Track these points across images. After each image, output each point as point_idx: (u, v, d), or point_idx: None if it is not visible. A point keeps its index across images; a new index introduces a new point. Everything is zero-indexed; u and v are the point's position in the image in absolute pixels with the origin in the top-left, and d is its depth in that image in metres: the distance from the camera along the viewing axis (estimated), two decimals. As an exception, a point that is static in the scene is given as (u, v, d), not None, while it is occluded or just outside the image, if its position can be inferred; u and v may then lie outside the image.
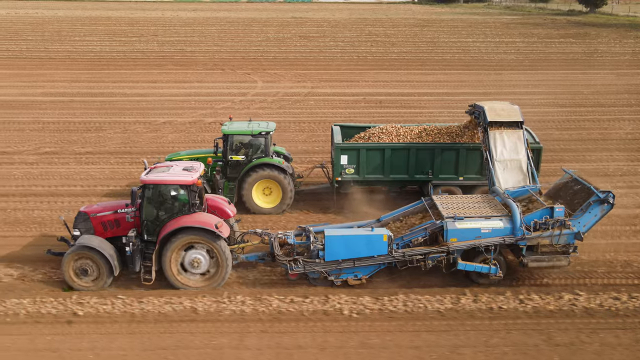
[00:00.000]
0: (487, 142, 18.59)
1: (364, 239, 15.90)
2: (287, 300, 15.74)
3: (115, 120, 33.55)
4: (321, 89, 40.45)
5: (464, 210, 16.53)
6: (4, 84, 41.92)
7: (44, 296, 15.93)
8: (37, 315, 15.17)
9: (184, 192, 15.90)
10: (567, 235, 15.74)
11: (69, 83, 42.17)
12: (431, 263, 15.93)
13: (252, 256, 16.97)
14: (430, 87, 41.08)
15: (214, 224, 15.60)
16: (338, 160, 20.76)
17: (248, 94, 39.48)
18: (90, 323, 14.92)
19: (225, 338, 14.29)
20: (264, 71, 46.66)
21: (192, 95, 38.83)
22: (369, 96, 38.41)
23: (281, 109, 35.85)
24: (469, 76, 44.58)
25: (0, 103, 36.68)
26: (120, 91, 39.80)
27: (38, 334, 14.49)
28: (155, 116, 34.17)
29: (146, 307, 15.44)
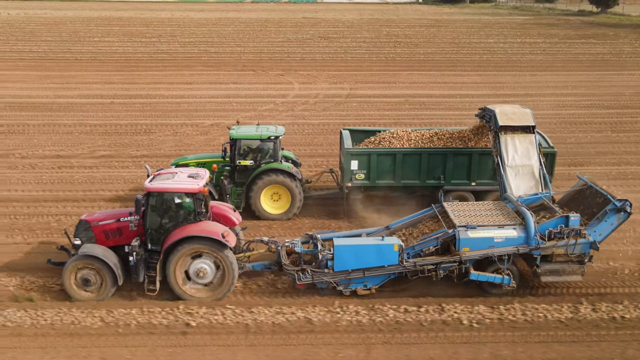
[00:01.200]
0: (498, 147, 18.13)
1: (375, 248, 15.51)
2: (402, 310, 15.43)
3: (162, 122, 33.13)
4: (360, 91, 40.10)
5: (476, 218, 16.08)
6: (36, 85, 41.36)
7: (151, 306, 15.58)
8: (149, 326, 14.85)
9: (190, 200, 15.48)
10: (583, 244, 15.32)
11: (103, 85, 41.63)
12: (443, 273, 15.52)
13: (259, 265, 16.55)
14: (469, 88, 40.82)
15: (221, 233, 15.20)
16: (348, 166, 20.26)
17: (288, 95, 39.10)
18: (205, 334, 14.59)
19: (351, 350, 13.98)
20: (296, 72, 46.27)
21: (232, 97, 38.43)
22: (410, 98, 38.00)
23: (325, 111, 35.52)
24: (504, 77, 44.35)
25: (39, 105, 36.11)
26: (158, 93, 39.37)
27: (155, 346, 14.19)
28: (201, 118, 33.77)
29: (258, 318, 15.12)
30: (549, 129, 31.43)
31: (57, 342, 14.31)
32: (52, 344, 14.27)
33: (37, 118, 33.62)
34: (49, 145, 29.16)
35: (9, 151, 28.08)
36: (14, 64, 48.81)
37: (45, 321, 15.01)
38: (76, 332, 14.66)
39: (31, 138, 30.14)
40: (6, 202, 22.50)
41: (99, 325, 14.89)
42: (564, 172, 24.99)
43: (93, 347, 14.11)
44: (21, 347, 14.14)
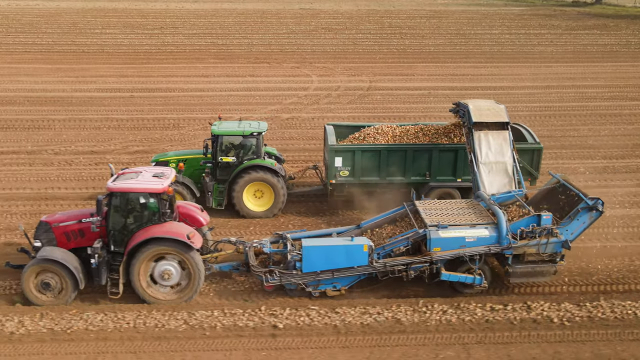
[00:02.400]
0: (471, 144, 17.95)
1: (344, 249, 15.26)
2: (488, 308, 15.28)
3: (189, 116, 32.68)
4: (381, 83, 39.85)
5: (448, 217, 15.93)
6: (50, 79, 40.60)
7: (232, 308, 15.36)
8: (236, 329, 14.63)
9: (154, 201, 15.05)
10: (555, 243, 15.20)
11: (118, 78, 40.97)
12: (413, 273, 15.35)
13: (226, 266, 16.28)
14: (488, 80, 40.74)
15: (186, 234, 14.81)
16: (332, 163, 19.96)
17: (308, 88, 38.75)
18: (294, 336, 14.39)
19: (450, 350, 13.83)
20: (311, 65, 45.88)
21: (253, 90, 37.99)
22: (433, 90, 37.80)
23: (351, 104, 35.23)
24: (520, 69, 44.32)
25: (58, 100, 35.47)
26: (176, 86, 38.81)
27: (247, 349, 13.99)
28: (226, 112, 33.28)
29: (346, 319, 14.93)
30: (580, 121, 31.55)
31: (145, 346, 13.98)
32: (141, 348, 13.94)
33: (60, 113, 32.97)
34: (79, 141, 28.60)
35: (40, 147, 27.51)
36: (21, 57, 47.87)
37: (128, 324, 14.68)
38: (162, 335, 14.33)
39: (59, 133, 29.56)
40: (52, 199, 22.01)
41: (184, 328, 14.58)
42: (607, 165, 24.99)
43: (184, 350, 13.83)
44: (110, 351, 13.83)
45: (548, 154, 27.00)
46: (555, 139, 29.12)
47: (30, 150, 27.25)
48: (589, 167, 25.60)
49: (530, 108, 34.12)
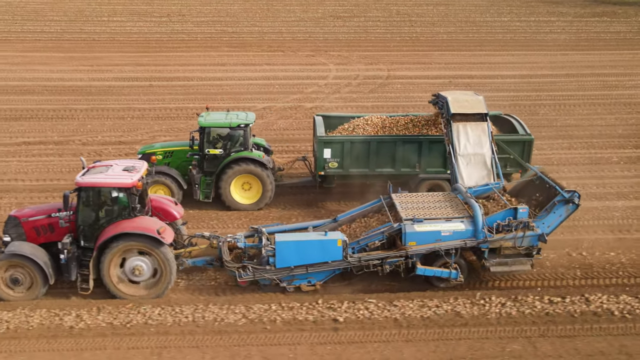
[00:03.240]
0: (450, 135, 17.79)
1: (317, 244, 15.06)
2: (546, 301, 15.23)
3: (212, 106, 32.21)
4: (399, 72, 39.63)
5: (424, 211, 15.82)
6: (65, 67, 40.23)
7: (289, 301, 15.29)
8: (296, 323, 14.57)
9: (123, 195, 14.81)
10: (531, 237, 15.10)
11: (134, 67, 40.61)
12: (389, 268, 15.24)
13: (200, 260, 16.13)
14: (506, 69, 40.61)
15: (156, 230, 14.60)
16: (321, 154, 19.75)
17: (327, 77, 38.50)
18: (356, 330, 14.30)
19: (515, 344, 13.77)
20: (326, 53, 45.57)
21: (271, 79, 37.73)
22: (453, 79, 37.60)
23: (373, 92, 35.07)
24: (536, 57, 44.12)
25: (77, 89, 35.25)
26: (194, 75, 38.52)
27: (311, 343, 13.94)
28: (249, 101, 33.13)
29: (405, 312, 14.83)
30: (606, 110, 31.43)
31: (207, 340, 13.87)
32: (203, 342, 13.85)
33: (81, 102, 32.67)
34: (105, 131, 28.37)
35: (66, 137, 27.28)
36: (32, 45, 47.44)
37: (187, 318, 14.57)
38: (223, 329, 14.23)
39: (84, 123, 29.30)
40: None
41: (244, 322, 14.49)
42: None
43: (247, 345, 13.74)
44: (173, 346, 13.72)
45: (578, 143, 26.99)
46: (583, 128, 29.05)
47: (57, 140, 27.03)
48: (622, 156, 25.50)
49: (554, 97, 34.00)
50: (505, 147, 19.49)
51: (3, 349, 13.46)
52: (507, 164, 19.88)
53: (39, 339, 13.83)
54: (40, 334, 13.96)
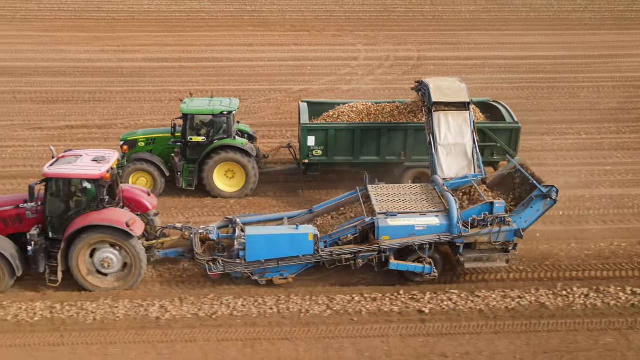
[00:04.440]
0: (430, 125, 17.36)
1: (288, 238, 14.70)
2: (629, 292, 15.31)
3: (247, 88, 32.16)
4: (429, 53, 39.28)
5: (399, 204, 15.41)
6: (91, 48, 39.82)
7: (371, 292, 15.27)
8: (382, 314, 14.54)
9: (92, 187, 14.46)
10: (507, 232, 14.70)
11: (160, 47, 40.21)
12: (362, 262, 14.90)
13: (172, 252, 15.66)
14: (539, 49, 40.21)
15: (125, 222, 14.25)
16: (305, 142, 19.38)
17: (358, 58, 38.15)
18: (443, 321, 14.32)
19: (607, 336, 13.68)
20: (352, 33, 45.16)
21: (301, 60, 37.39)
22: (486, 61, 37.25)
23: (407, 74, 34.74)
24: (566, 37, 43.78)
25: (109, 71, 34.92)
26: (223, 56, 38.18)
27: (402, 335, 13.94)
28: (284, 83, 32.86)
29: (490, 303, 14.80)
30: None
31: (296, 332, 13.83)
32: (292, 334, 13.82)
33: (115, 84, 32.37)
34: (145, 114, 28.11)
35: (108, 121, 27.01)
36: (52, 24, 46.90)
37: (272, 310, 14.53)
38: (310, 321, 14.17)
39: (122, 106, 29.02)
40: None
41: (329, 314, 14.41)
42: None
43: (339, 337, 13.69)
44: (263, 338, 13.65)
45: (627, 128, 26.72)
46: (627, 112, 28.76)
47: (100, 124, 26.75)
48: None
49: (592, 79, 33.74)
50: (492, 135, 19.25)
51: (94, 340, 13.39)
52: (493, 152, 19.46)
53: (127, 330, 13.74)
54: (128, 326, 13.88)
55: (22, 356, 12.97)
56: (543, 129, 26.37)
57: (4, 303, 14.59)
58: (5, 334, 13.64)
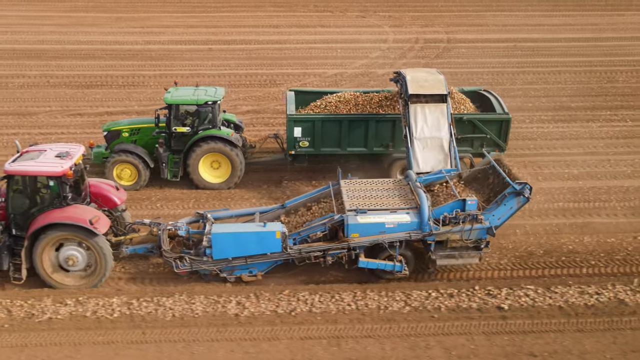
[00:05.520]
0: (407, 117, 17.07)
1: (255, 236, 14.41)
2: None
3: (280, 72, 31.86)
4: (458, 35, 38.86)
5: (370, 200, 15.13)
6: (116, 29, 39.37)
7: (447, 287, 15.11)
8: (462, 310, 14.54)
9: (54, 184, 14.07)
10: (479, 230, 14.46)
11: (185, 29, 39.75)
12: (331, 260, 14.66)
13: (141, 248, 15.43)
14: (567, 31, 40.03)
15: (89, 219, 13.90)
16: (291, 133, 19.08)
17: (387, 40, 37.77)
18: (524, 318, 14.30)
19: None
20: (375, 14, 44.76)
21: (330, 43, 36.98)
22: (517, 43, 36.85)
23: (439, 58, 34.41)
24: (594, 18, 43.39)
25: (137, 53, 34.56)
26: (250, 38, 37.78)
27: (485, 333, 13.84)
28: (318, 67, 32.49)
29: (568, 300, 14.73)
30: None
31: (377, 329, 13.77)
32: (374, 332, 13.75)
33: (146, 68, 32.04)
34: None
35: (146, 107, 26.72)
36: (73, 5, 46.33)
37: (350, 306, 14.48)
38: (391, 317, 14.11)
39: (158, 91, 28.66)
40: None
41: (408, 310, 14.29)
42: None
43: (423, 335, 13.58)
44: (346, 336, 13.60)
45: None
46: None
47: (139, 110, 26.45)
48: None
49: (627, 62, 33.46)
50: (482, 127, 18.97)
51: (177, 338, 13.30)
52: (483, 143, 19.18)
53: (208, 327, 13.64)
54: (208, 322, 13.77)
55: (108, 354, 12.86)
56: (587, 116, 26.16)
57: (79, 298, 14.43)
58: (87, 331, 13.50)
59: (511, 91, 28.90)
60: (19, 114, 25.85)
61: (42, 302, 14.38)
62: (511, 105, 26.12)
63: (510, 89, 29.10)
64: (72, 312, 14.06)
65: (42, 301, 14.40)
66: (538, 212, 18.66)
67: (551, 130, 24.58)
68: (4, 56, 33.32)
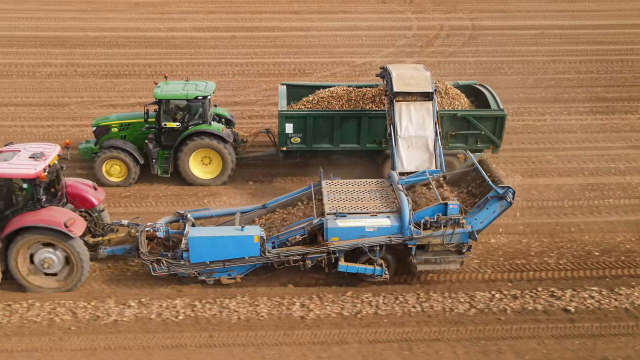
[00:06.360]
0: (392, 115, 16.71)
1: (232, 240, 14.13)
2: None
3: (309, 61, 31.53)
4: (482, 22, 38.46)
5: (351, 203, 14.83)
6: (136, 16, 38.95)
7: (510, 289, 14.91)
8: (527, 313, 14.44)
9: (27, 186, 13.77)
10: (460, 234, 14.16)
11: (205, 15, 39.34)
12: (310, 263, 14.38)
13: (119, 249, 15.09)
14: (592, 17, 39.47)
15: (63, 222, 13.61)
16: (283, 129, 18.78)
17: (411, 27, 37.39)
18: (592, 321, 14.18)
19: None
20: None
21: (354, 30, 36.61)
22: (544, 30, 36.48)
23: (466, 46, 34.06)
24: (619, 4, 42.76)
25: (161, 41, 34.14)
26: (273, 24, 37.43)
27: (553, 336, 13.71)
28: (345, 56, 32.17)
29: (635, 302, 14.62)
30: None
31: (445, 332, 13.68)
32: (443, 335, 13.64)
33: (173, 56, 31.71)
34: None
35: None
36: (90, -11, 45.45)
37: (415, 308, 14.39)
38: (458, 320, 14.02)
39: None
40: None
41: (474, 312, 14.20)
42: None
43: (493, 339, 13.43)
44: (416, 339, 13.47)
45: None
46: None
47: (171, 100, 25.97)
48: None
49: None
50: (476, 123, 18.67)
51: (245, 341, 13.20)
52: (477, 140, 18.94)
53: (275, 330, 13.53)
54: (275, 325, 13.66)
55: (179, 359, 12.70)
56: (625, 107, 25.93)
57: (142, 300, 14.30)
58: (154, 334, 13.38)
59: (544, 81, 28.67)
60: (51, 105, 25.57)
61: (105, 303, 14.23)
62: (546, 96, 26.10)
63: (543, 79, 28.84)
64: (137, 314, 13.93)
65: (105, 302, 14.25)
66: (589, 209, 18.49)
67: (590, 123, 24.33)
68: (28, 44, 32.91)
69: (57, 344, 13.10)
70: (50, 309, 14.01)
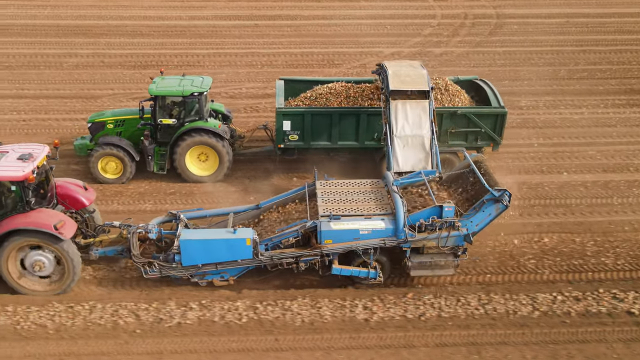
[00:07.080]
0: (387, 114, 16.54)
1: (224, 243, 14.03)
2: None
3: (336, 51, 31.22)
4: (506, 10, 38.03)
5: (345, 205, 14.70)
6: (155, 4, 38.39)
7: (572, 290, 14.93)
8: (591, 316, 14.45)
9: (15, 188, 13.59)
10: (456, 237, 14.02)
11: (226, 3, 38.91)
12: (304, 266, 14.29)
13: (111, 250, 14.98)
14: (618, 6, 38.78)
15: (53, 225, 13.48)
16: (280, 126, 18.56)
17: (435, 16, 36.98)
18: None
19: None
20: (414, -14, 43.39)
21: (377, 18, 36.22)
22: (570, 19, 36.10)
23: (492, 35, 33.72)
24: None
25: (184, 31, 33.67)
26: (296, 13, 36.97)
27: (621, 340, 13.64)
28: (372, 46, 31.86)
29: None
30: None
31: (511, 335, 13.65)
32: (508, 338, 13.61)
33: (198, 46, 31.36)
34: (242, 81, 27.33)
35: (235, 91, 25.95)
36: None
37: (478, 310, 14.39)
38: (522, 323, 13.98)
39: (215, 72, 28.01)
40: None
41: (538, 315, 14.12)
42: None
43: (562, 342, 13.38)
44: (482, 342, 13.41)
45: None
46: None
47: (204, 92, 25.70)
48: None
49: None
50: (477, 121, 18.47)
51: (312, 345, 13.14)
52: (477, 138, 18.74)
53: (341, 333, 13.43)
54: (339, 328, 13.57)
55: (249, 364, 12.59)
56: (667, 100, 25.60)
57: (203, 302, 14.17)
58: (219, 337, 13.28)
59: (576, 72, 28.42)
60: (83, 97, 25.32)
61: (166, 305, 14.11)
62: (580, 88, 25.86)
63: (575, 70, 28.59)
64: (200, 316, 13.79)
65: (166, 304, 14.13)
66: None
67: (629, 116, 24.13)
68: (51, 33, 32.54)
69: (124, 347, 12.98)
70: (113, 311, 13.89)
